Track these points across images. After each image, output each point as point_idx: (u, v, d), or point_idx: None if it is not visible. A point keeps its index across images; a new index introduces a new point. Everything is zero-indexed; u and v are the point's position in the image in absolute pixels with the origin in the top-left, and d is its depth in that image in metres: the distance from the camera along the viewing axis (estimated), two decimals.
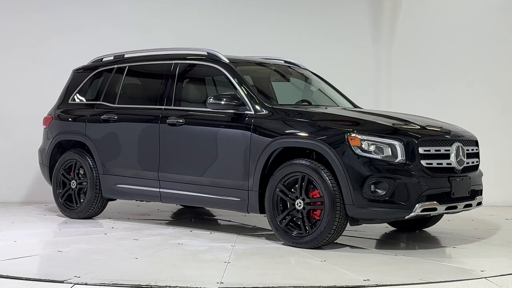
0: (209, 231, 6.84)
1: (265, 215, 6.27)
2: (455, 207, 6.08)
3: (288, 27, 10.11)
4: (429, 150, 5.95)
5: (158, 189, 7.06)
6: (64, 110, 8.05)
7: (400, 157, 5.84)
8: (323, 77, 7.92)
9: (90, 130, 7.65)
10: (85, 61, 8.30)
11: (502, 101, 9.98)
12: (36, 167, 8.55)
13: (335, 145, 5.91)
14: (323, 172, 5.94)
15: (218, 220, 7.90)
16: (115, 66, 7.82)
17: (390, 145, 5.86)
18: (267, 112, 6.45)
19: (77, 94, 8.06)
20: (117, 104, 7.58)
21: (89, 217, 7.66)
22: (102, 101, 7.71)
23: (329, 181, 5.90)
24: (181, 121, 6.90)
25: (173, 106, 7.07)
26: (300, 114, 6.35)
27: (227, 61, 6.95)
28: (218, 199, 6.64)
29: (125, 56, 7.91)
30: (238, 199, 6.48)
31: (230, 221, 7.70)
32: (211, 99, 6.54)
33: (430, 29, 10.11)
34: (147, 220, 7.58)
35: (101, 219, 7.67)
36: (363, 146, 5.85)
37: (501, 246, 6.30)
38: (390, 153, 5.84)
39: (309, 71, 7.91)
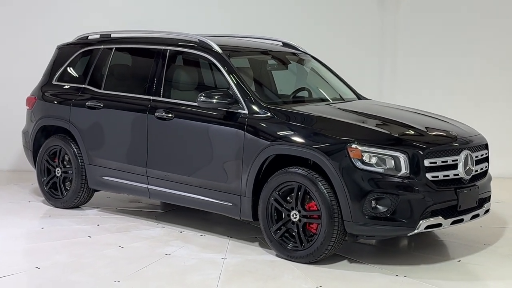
0: (200, 232, 6.48)
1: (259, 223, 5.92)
2: (461, 220, 5.68)
3: (287, 4, 9.64)
4: (435, 162, 5.50)
5: (146, 185, 6.65)
6: (48, 92, 7.54)
7: (404, 170, 5.40)
8: (323, 61, 7.38)
9: (74, 117, 7.18)
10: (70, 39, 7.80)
11: None
12: None
13: (334, 156, 5.47)
14: (320, 184, 5.52)
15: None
16: (102, 46, 7.28)
17: (393, 157, 5.41)
18: (263, 112, 5.97)
19: (62, 74, 7.53)
20: (103, 89, 7.07)
21: (76, 206, 7.30)
22: (88, 84, 7.21)
23: (327, 194, 5.49)
24: (170, 115, 6.43)
25: (162, 97, 6.57)
26: (299, 118, 5.88)
27: (220, 50, 6.41)
28: (210, 202, 6.23)
29: (112, 36, 7.37)
30: (230, 204, 6.08)
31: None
32: (202, 97, 6.05)
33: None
34: (136, 212, 7.21)
35: (88, 209, 7.31)
36: (364, 158, 5.41)
37: (509, 257, 5.92)
38: (393, 166, 5.40)
39: (309, 55, 7.37)
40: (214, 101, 6.03)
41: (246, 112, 6.02)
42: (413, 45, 9.66)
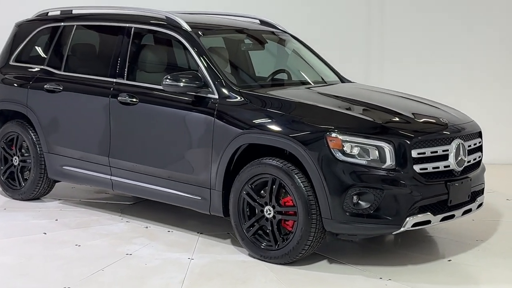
0: (168, 227, 5.93)
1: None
2: (452, 216, 5.16)
3: None
4: (424, 153, 4.96)
5: (109, 177, 6.08)
6: (5, 73, 6.92)
7: (389, 161, 4.86)
8: (305, 41, 6.82)
9: (32, 101, 6.58)
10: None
11: (505, 49, 9.04)
12: None
13: (311, 146, 4.92)
14: (297, 177, 4.98)
15: None
16: (62, 24, 6.68)
17: (377, 147, 4.87)
18: (234, 97, 5.41)
19: (20, 54, 6.92)
20: (63, 71, 6.47)
21: (35, 198, 6.73)
22: (47, 65, 6.61)
23: (303, 188, 4.95)
24: (134, 99, 5.85)
25: (126, 80, 5.98)
26: (274, 103, 5.33)
27: (189, 29, 5.82)
28: (177, 196, 5.67)
29: (74, 12, 6.76)
30: (199, 198, 5.53)
31: None
32: (167, 80, 5.47)
33: None
34: (101, 204, 6.65)
35: (49, 201, 6.75)
36: (345, 148, 4.86)
37: (503, 256, 5.41)
38: (377, 157, 4.86)
39: (289, 34, 6.79)
40: (181, 84, 5.46)
41: (216, 96, 5.45)
42: (401, 24, 9.11)
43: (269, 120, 5.16)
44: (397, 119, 5.21)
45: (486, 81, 9.13)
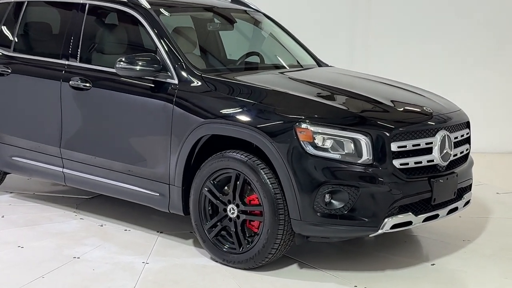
0: (126, 225, 5.38)
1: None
2: (436, 216, 4.64)
3: None
4: (405, 146, 4.43)
5: (61, 169, 5.52)
6: None
7: (365, 156, 4.33)
8: (280, 22, 6.24)
9: None
10: None
11: (496, 34, 8.50)
12: None
13: (279, 138, 4.37)
14: (263, 173, 4.44)
15: None
16: (12, 0, 6.07)
17: (352, 140, 4.33)
18: (196, 82, 4.86)
19: None
20: (13, 52, 5.89)
21: None
22: None
23: (270, 185, 4.41)
24: (87, 84, 5.29)
25: (79, 62, 5.41)
26: (240, 89, 4.79)
27: (147, 5, 5.25)
28: (134, 191, 5.13)
29: None
30: (157, 194, 4.99)
31: None
32: (122, 63, 4.90)
33: None
34: (56, 198, 6.08)
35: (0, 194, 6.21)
36: (316, 141, 4.33)
37: (492, 258, 4.91)
38: (353, 151, 4.33)
39: (263, 13, 6.22)
40: (138, 68, 4.88)
41: (176, 81, 4.89)
42: (388, 6, 8.55)
43: (234, 109, 4.61)
44: (375, 108, 4.67)
45: (475, 67, 8.60)
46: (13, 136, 5.79)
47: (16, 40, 5.91)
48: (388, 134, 4.36)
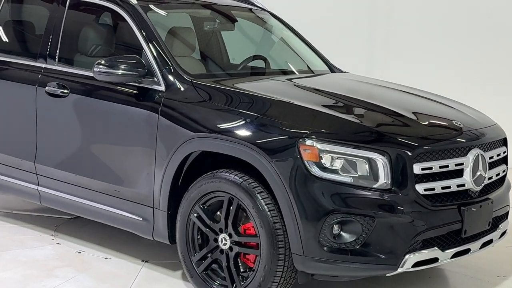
0: (107, 252, 4.70)
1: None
2: (467, 251, 3.90)
3: None
4: (431, 168, 3.71)
5: (36, 187, 4.86)
6: None
7: (382, 179, 3.60)
8: (288, 23, 5.55)
9: None
10: None
11: None
12: None
13: (279, 157, 3.67)
14: (260, 198, 3.74)
15: None
16: None
17: (367, 160, 3.62)
18: (186, 89, 4.18)
19: None
20: None
21: None
22: None
23: (268, 212, 3.71)
24: (65, 90, 4.62)
25: (57, 65, 4.76)
26: (236, 98, 4.10)
27: (134, 1, 4.59)
28: (115, 215, 4.44)
29: None
30: (140, 219, 4.30)
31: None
32: (101, 66, 4.23)
33: None
34: (35, 218, 5.41)
35: None
36: (323, 161, 3.62)
37: None
38: (367, 173, 3.62)
39: (269, 12, 5.52)
40: (119, 72, 4.20)
41: (163, 88, 4.21)
42: (409, 9, 7.82)
43: (230, 122, 3.90)
44: (394, 121, 3.95)
45: (507, 76, 7.82)
46: None
47: None
48: (410, 154, 3.64)
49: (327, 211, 3.57)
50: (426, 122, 4.03)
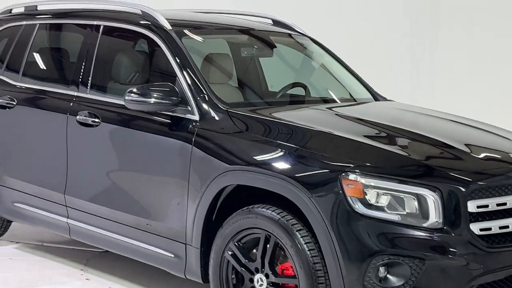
0: None
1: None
2: None
3: None
4: (487, 206, 3.40)
5: (65, 219, 4.67)
6: None
7: (433, 218, 3.31)
8: (329, 48, 5.30)
9: None
10: None
11: None
12: None
13: (320, 193, 3.40)
14: (299, 236, 3.47)
15: None
16: (24, 23, 5.32)
17: (416, 196, 3.33)
18: (221, 118, 3.96)
19: None
20: (20, 82, 5.12)
21: None
22: (3, 75, 5.25)
23: (308, 252, 3.43)
24: (97, 119, 4.45)
25: (89, 93, 4.60)
26: (275, 129, 3.86)
27: (168, 27, 4.39)
28: (145, 251, 4.21)
29: (38, 8, 5.41)
30: (172, 256, 4.06)
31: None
32: (132, 94, 4.04)
33: None
34: (65, 251, 5.22)
35: (5, 243, 5.36)
36: (368, 197, 3.34)
37: None
38: (416, 211, 3.33)
39: (309, 37, 5.29)
40: (152, 100, 4.00)
41: (197, 117, 3.99)
42: (457, 30, 7.51)
43: (267, 154, 3.66)
44: (446, 154, 3.66)
45: None
46: (16, 179, 4.98)
47: (25, 68, 5.13)
48: (463, 190, 3.33)
49: (372, 252, 3.29)
50: (481, 155, 3.72)
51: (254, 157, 3.68)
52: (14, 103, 5.00)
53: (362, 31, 7.70)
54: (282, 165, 3.57)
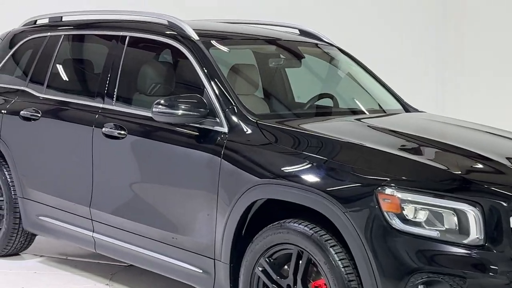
0: None
1: None
2: None
3: None
4: None
5: (91, 233, 4.60)
6: None
7: (474, 234, 3.19)
8: (357, 57, 5.21)
9: (7, 130, 5.18)
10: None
11: None
12: None
13: (355, 207, 3.29)
14: (333, 252, 3.36)
15: None
16: (48, 34, 5.29)
17: (455, 211, 3.22)
18: (251, 131, 3.87)
19: (1, 72, 5.56)
20: (45, 93, 5.08)
21: (11, 254, 5.31)
22: (28, 87, 5.22)
23: (342, 269, 3.32)
24: (123, 132, 4.37)
25: (115, 105, 4.53)
26: (305, 141, 3.76)
27: (196, 37, 4.32)
28: (172, 265, 4.13)
29: (63, 19, 5.37)
30: (200, 271, 3.97)
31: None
32: (160, 106, 3.97)
33: None
34: (90, 265, 5.15)
35: (30, 257, 5.31)
36: (405, 212, 3.23)
37: None
38: (456, 227, 3.22)
39: (337, 47, 5.20)
40: (179, 112, 3.93)
41: (226, 130, 3.91)
42: (485, 39, 7.39)
43: (298, 166, 3.57)
44: (485, 167, 3.53)
45: None
46: (41, 192, 4.93)
47: (49, 80, 5.09)
48: (505, 205, 3.21)
49: (410, 269, 3.17)
50: None
51: (287, 170, 3.58)
52: (39, 115, 4.95)
53: (388, 42, 7.60)
54: (315, 178, 3.46)
